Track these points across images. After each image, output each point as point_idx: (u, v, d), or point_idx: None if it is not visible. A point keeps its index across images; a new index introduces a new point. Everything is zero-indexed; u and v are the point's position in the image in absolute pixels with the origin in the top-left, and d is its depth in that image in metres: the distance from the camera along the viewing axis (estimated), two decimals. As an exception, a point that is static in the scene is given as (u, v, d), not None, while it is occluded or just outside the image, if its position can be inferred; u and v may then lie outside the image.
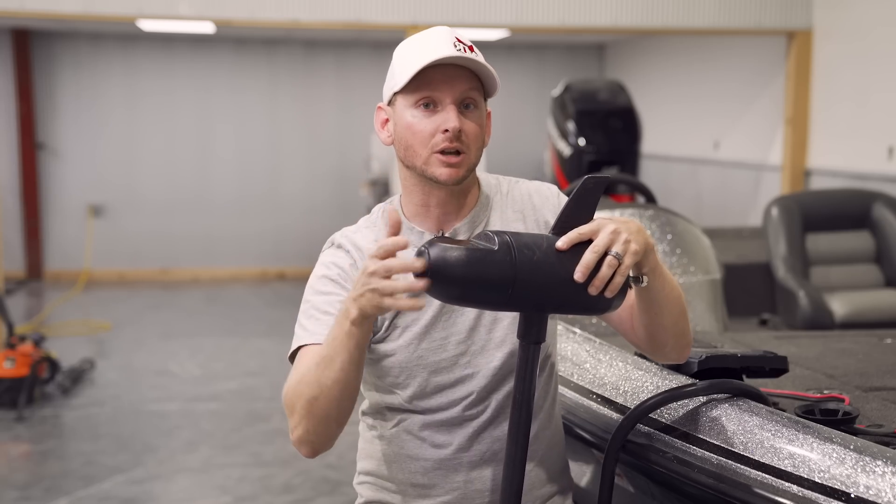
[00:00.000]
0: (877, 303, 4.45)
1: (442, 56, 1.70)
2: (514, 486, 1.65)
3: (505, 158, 10.03)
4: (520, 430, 1.64)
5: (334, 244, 1.86)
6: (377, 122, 1.84)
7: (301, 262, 10.17)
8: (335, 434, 1.72)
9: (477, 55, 1.75)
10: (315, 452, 1.74)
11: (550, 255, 1.57)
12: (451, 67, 1.72)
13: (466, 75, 1.74)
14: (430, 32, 1.77)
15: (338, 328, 1.61)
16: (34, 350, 5.95)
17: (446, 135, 1.72)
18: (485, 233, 1.58)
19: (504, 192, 1.88)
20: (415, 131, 1.74)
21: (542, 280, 1.56)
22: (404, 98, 1.75)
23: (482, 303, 1.59)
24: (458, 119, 1.72)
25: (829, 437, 1.68)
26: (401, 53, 1.77)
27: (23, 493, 4.57)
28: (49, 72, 10.14)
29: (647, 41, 9.74)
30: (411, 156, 1.76)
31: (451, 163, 1.73)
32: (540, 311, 1.62)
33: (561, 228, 1.61)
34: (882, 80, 6.03)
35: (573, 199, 1.61)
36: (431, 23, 6.72)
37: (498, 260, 1.53)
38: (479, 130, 1.76)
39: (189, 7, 6.63)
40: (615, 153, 6.42)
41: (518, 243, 1.55)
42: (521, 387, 1.64)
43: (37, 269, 10.23)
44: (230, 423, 5.60)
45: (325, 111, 10.54)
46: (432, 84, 1.72)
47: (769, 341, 2.93)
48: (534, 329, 1.63)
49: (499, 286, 1.53)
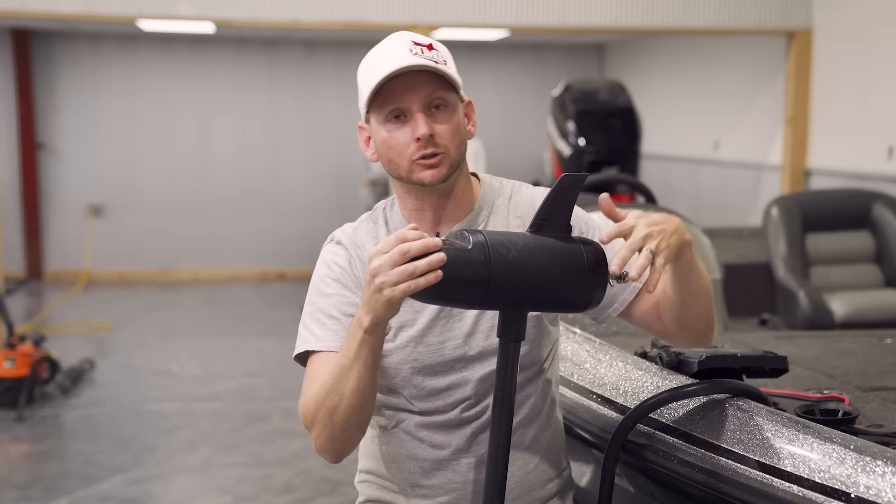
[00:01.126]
0: (877, 303, 4.45)
1: (397, 67, 1.70)
2: (496, 483, 1.65)
3: (505, 158, 10.04)
4: (501, 428, 1.64)
5: (333, 240, 1.87)
6: (361, 142, 1.85)
7: (301, 262, 10.17)
8: (358, 438, 1.74)
9: (437, 52, 1.75)
10: (340, 458, 1.76)
11: (526, 252, 1.56)
12: (411, 74, 1.72)
13: (428, 78, 1.73)
14: (386, 43, 1.77)
15: (351, 339, 1.62)
16: (34, 350, 5.95)
17: (419, 143, 1.72)
18: (460, 232, 1.58)
19: (507, 196, 1.88)
20: (390, 145, 1.75)
21: (519, 278, 1.56)
22: (375, 115, 1.77)
23: (458, 302, 1.59)
24: (426, 125, 1.72)
25: (829, 437, 1.68)
26: (362, 71, 1.79)
27: (23, 493, 4.57)
28: (49, 72, 10.14)
29: (647, 41, 9.74)
30: (395, 168, 1.77)
31: (431, 164, 1.74)
32: (518, 310, 1.62)
33: (538, 226, 1.61)
34: (882, 79, 6.03)
35: (550, 196, 1.61)
36: (431, 23, 6.73)
37: (472, 259, 1.52)
38: (454, 127, 1.76)
39: (189, 7, 6.63)
40: (615, 153, 6.41)
41: (493, 242, 1.55)
42: (502, 385, 1.63)
43: (37, 269, 10.23)
44: (230, 423, 5.60)
45: (325, 111, 10.54)
46: (396, 95, 1.73)
47: (769, 341, 2.93)
48: (513, 327, 1.62)
49: (474, 285, 1.53)
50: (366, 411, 1.69)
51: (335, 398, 1.66)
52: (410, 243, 1.49)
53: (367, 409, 1.69)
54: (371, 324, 1.57)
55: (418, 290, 1.50)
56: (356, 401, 1.65)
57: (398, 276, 1.49)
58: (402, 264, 1.49)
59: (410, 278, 1.49)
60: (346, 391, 1.64)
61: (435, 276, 1.49)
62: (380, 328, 1.59)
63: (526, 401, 1.86)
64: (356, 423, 1.69)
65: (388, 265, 1.50)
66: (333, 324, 1.76)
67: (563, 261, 1.59)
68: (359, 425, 1.70)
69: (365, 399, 1.66)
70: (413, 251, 1.49)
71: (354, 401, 1.65)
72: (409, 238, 1.50)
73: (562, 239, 1.61)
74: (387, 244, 1.51)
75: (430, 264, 1.48)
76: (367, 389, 1.65)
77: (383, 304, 1.53)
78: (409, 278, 1.49)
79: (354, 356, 1.62)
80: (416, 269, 1.48)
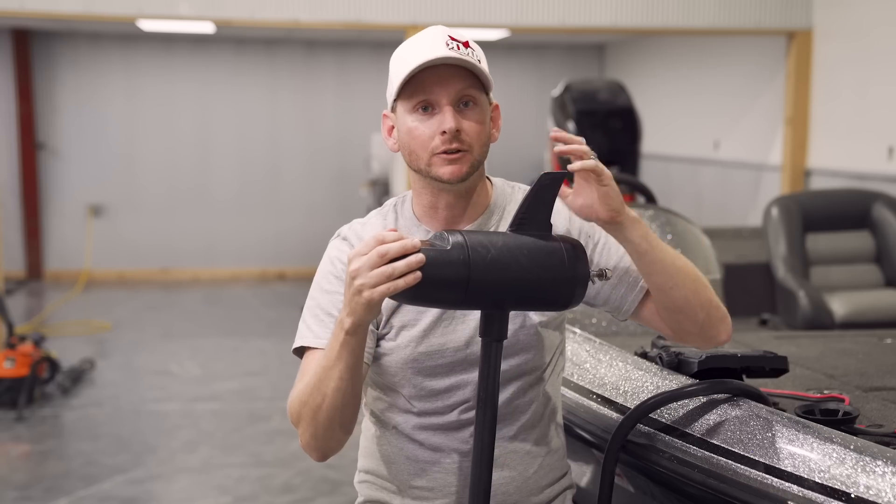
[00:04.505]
0: (877, 303, 4.45)
1: (431, 58, 1.69)
2: (481, 484, 1.65)
3: (505, 158, 10.02)
4: (485, 428, 1.63)
5: (339, 236, 1.87)
6: (384, 130, 1.84)
7: (301, 263, 10.17)
8: (343, 439, 1.74)
9: (472, 51, 1.74)
10: (324, 457, 1.76)
11: (506, 252, 1.57)
12: (444, 68, 1.71)
13: (461, 74, 1.73)
14: (423, 34, 1.76)
15: (333, 339, 1.62)
16: (34, 350, 5.95)
17: (444, 137, 1.71)
18: (440, 233, 1.58)
19: (517, 201, 1.87)
20: (414, 136, 1.74)
21: (498, 278, 1.56)
22: (403, 104, 1.76)
23: (439, 302, 1.60)
24: (454, 120, 1.71)
25: (829, 437, 1.68)
26: (395, 59, 1.77)
27: (23, 493, 4.56)
28: (49, 72, 10.14)
29: (647, 41, 9.74)
30: (415, 160, 1.76)
31: (453, 160, 1.72)
32: (500, 309, 1.62)
33: (518, 225, 1.62)
34: (882, 79, 6.03)
35: (529, 195, 1.61)
36: (431, 23, 6.67)
37: (451, 260, 1.53)
38: (481, 127, 1.75)
39: (189, 7, 6.63)
40: (615, 153, 6.41)
41: (472, 242, 1.55)
42: (485, 385, 1.63)
43: (37, 269, 10.23)
44: (230, 423, 5.60)
45: (325, 111, 10.54)
46: (426, 87, 1.72)
47: (769, 341, 2.93)
48: (495, 326, 1.62)
49: (453, 285, 1.53)
50: (348, 411, 1.68)
51: (318, 398, 1.66)
52: (389, 245, 1.49)
53: (350, 410, 1.69)
54: (352, 325, 1.57)
55: (398, 292, 1.50)
56: (338, 401, 1.65)
57: (377, 277, 1.49)
58: (380, 266, 1.49)
59: (389, 280, 1.49)
60: (328, 391, 1.65)
61: (414, 277, 1.49)
62: (361, 330, 1.59)
63: (528, 406, 1.85)
64: (339, 424, 1.69)
65: (367, 267, 1.50)
66: (330, 321, 1.75)
67: (543, 259, 1.59)
68: (342, 426, 1.70)
69: (347, 400, 1.66)
70: (392, 253, 1.49)
71: (336, 401, 1.65)
72: (388, 240, 1.50)
73: (542, 237, 1.62)
74: (366, 245, 1.51)
75: (408, 265, 1.48)
76: (349, 390, 1.65)
77: (363, 306, 1.53)
78: (387, 280, 1.49)
79: (336, 357, 1.62)
80: (394, 270, 1.48)
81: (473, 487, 1.65)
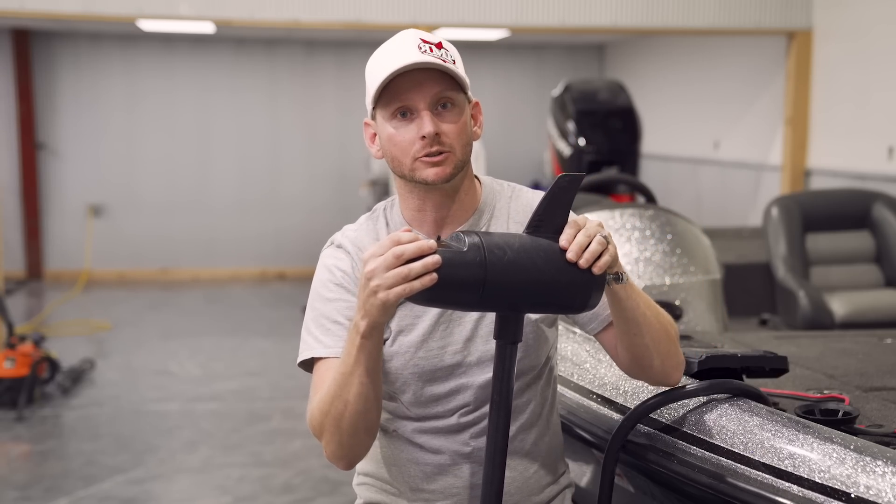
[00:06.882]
0: (877, 303, 4.45)
1: (404, 64, 1.69)
2: (494, 486, 1.64)
3: (505, 158, 10.03)
4: (498, 431, 1.63)
5: (334, 244, 1.85)
6: (367, 139, 1.84)
7: (301, 263, 10.17)
8: (368, 443, 1.73)
9: (446, 52, 1.73)
10: (351, 464, 1.75)
11: (522, 254, 1.55)
12: (419, 72, 1.71)
13: (436, 76, 1.72)
14: (395, 39, 1.76)
15: (349, 344, 1.61)
16: (34, 350, 5.95)
17: (424, 141, 1.71)
18: (456, 233, 1.57)
19: (507, 198, 1.87)
20: (395, 142, 1.74)
21: (514, 279, 1.54)
22: (381, 111, 1.76)
23: (454, 304, 1.58)
24: (432, 123, 1.70)
25: (829, 437, 1.68)
26: (370, 67, 1.77)
27: (23, 493, 4.56)
28: (49, 72, 10.14)
29: (647, 41, 9.74)
30: (398, 165, 1.76)
31: (436, 161, 1.72)
32: (515, 312, 1.61)
33: (535, 227, 1.60)
34: (882, 79, 6.03)
35: (547, 197, 1.60)
36: (432, 23, 6.73)
37: (468, 261, 1.51)
38: (460, 127, 1.74)
39: (189, 7, 6.63)
40: (615, 153, 6.40)
41: (488, 243, 1.53)
42: (499, 387, 1.62)
43: (37, 269, 10.23)
44: (230, 423, 5.60)
45: (325, 111, 10.54)
46: (402, 93, 1.71)
47: (769, 341, 2.93)
48: (510, 329, 1.61)
49: (470, 287, 1.52)
50: (372, 415, 1.68)
51: (340, 405, 1.65)
52: (405, 245, 1.48)
53: (374, 414, 1.68)
54: (367, 328, 1.56)
55: (414, 293, 1.49)
56: (361, 406, 1.64)
57: (393, 279, 1.48)
58: (396, 267, 1.48)
59: (405, 281, 1.48)
60: (349, 397, 1.63)
61: (430, 278, 1.48)
62: (377, 332, 1.58)
63: (526, 406, 1.85)
64: (364, 429, 1.68)
65: (383, 268, 1.48)
66: (338, 329, 1.74)
67: (559, 262, 1.58)
68: (367, 430, 1.69)
69: (370, 404, 1.65)
70: (408, 254, 1.48)
71: (359, 406, 1.64)
72: (404, 240, 1.49)
73: (558, 240, 1.61)
74: (381, 247, 1.50)
75: (425, 266, 1.47)
76: (371, 394, 1.64)
77: (378, 308, 1.52)
78: (403, 281, 1.48)
79: (354, 362, 1.61)
80: (410, 271, 1.47)
81: (486, 488, 1.64)
